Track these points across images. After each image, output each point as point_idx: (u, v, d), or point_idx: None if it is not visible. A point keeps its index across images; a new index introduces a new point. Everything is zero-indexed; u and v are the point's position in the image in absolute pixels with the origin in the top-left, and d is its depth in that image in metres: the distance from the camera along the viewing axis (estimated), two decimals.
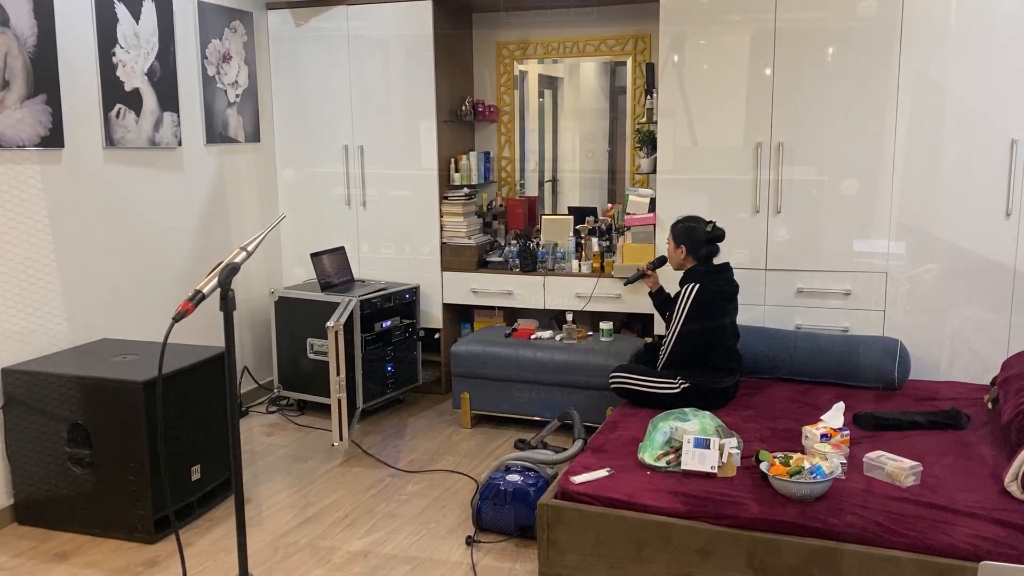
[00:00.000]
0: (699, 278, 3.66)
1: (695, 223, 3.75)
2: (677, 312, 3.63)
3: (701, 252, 3.72)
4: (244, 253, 2.05)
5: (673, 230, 3.79)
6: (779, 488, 2.77)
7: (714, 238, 3.72)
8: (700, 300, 3.60)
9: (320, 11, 4.94)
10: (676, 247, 3.76)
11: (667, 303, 3.97)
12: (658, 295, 4.05)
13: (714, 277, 3.69)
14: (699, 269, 3.72)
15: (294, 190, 5.19)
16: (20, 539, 3.35)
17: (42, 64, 3.53)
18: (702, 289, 3.61)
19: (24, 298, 3.52)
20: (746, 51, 4.15)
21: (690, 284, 3.64)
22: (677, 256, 3.77)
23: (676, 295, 3.71)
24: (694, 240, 3.72)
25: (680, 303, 3.63)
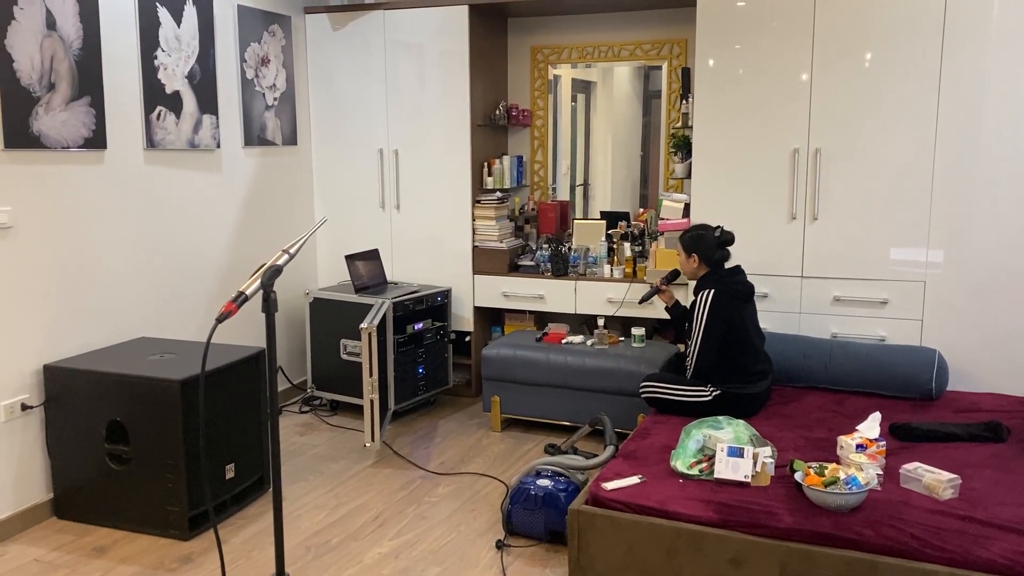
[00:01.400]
0: (713, 283, 3.64)
1: (703, 230, 3.74)
2: (696, 321, 3.61)
3: (713, 258, 3.70)
4: (286, 255, 2.08)
5: (682, 241, 3.78)
6: (813, 498, 2.74)
7: (724, 242, 3.71)
8: (717, 304, 3.58)
9: (357, 15, 4.98)
10: (687, 257, 3.75)
11: (685, 316, 3.95)
12: (675, 309, 4.05)
13: (728, 280, 3.67)
14: (711, 275, 3.70)
15: (329, 193, 5.23)
16: (59, 533, 3.42)
17: (87, 67, 3.60)
18: (717, 293, 3.59)
19: (65, 296, 3.59)
20: (783, 56, 4.12)
21: (704, 290, 3.62)
22: (689, 265, 3.76)
23: (692, 303, 3.68)
24: (705, 247, 3.70)
25: (698, 311, 3.61)
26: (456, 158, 4.91)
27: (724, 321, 3.58)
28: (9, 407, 3.36)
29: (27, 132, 3.36)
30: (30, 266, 3.42)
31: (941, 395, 3.82)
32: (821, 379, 3.96)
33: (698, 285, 3.71)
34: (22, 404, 3.41)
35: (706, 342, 3.59)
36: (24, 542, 3.33)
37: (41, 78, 3.40)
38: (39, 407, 3.48)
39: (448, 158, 4.93)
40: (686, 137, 4.62)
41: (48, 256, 3.50)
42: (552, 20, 5.13)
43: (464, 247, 4.98)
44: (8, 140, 3.29)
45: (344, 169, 5.18)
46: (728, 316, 3.59)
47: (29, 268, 3.42)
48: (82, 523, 3.48)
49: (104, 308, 3.78)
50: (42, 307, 3.48)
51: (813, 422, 3.54)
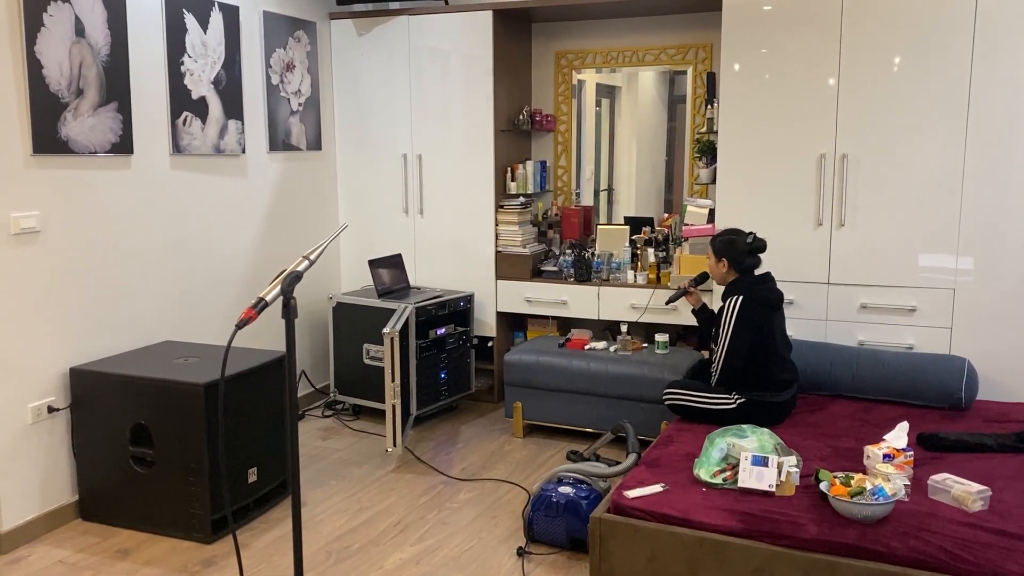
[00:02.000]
0: (741, 289, 3.60)
1: (735, 235, 3.70)
2: (723, 327, 3.57)
3: (744, 264, 3.66)
4: (307, 262, 2.08)
5: (713, 245, 3.75)
6: (839, 509, 2.70)
7: (755, 249, 3.67)
8: (745, 311, 3.54)
9: (382, 21, 5.00)
10: (718, 261, 3.71)
11: (711, 319, 3.91)
12: (701, 312, 4.01)
13: (757, 287, 3.63)
14: (741, 281, 3.66)
15: (353, 198, 5.25)
16: (84, 534, 3.45)
17: (114, 73, 3.64)
18: (746, 300, 3.55)
19: (92, 300, 3.62)
20: (810, 60, 4.07)
21: (733, 297, 3.58)
22: (719, 270, 3.72)
23: (720, 309, 3.65)
24: (736, 252, 3.67)
25: (725, 317, 3.57)
26: (479, 163, 4.91)
27: (751, 328, 3.54)
28: (36, 409, 3.40)
29: (55, 137, 3.40)
30: (57, 270, 3.46)
31: (971, 405, 3.75)
32: (847, 387, 3.91)
33: (727, 291, 3.67)
34: (48, 406, 3.45)
35: (732, 349, 3.56)
36: (50, 543, 3.36)
37: (70, 84, 3.44)
38: (65, 410, 3.51)
39: (471, 163, 4.93)
40: (711, 142, 4.58)
41: (75, 260, 3.54)
42: (576, 25, 5.12)
43: (487, 252, 4.97)
44: (37, 145, 3.33)
45: (368, 174, 5.20)
46: (756, 324, 3.55)
47: (56, 272, 3.46)
48: (107, 525, 3.51)
49: (129, 312, 3.81)
50: (69, 310, 3.52)
51: (839, 431, 3.50)
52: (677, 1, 4.50)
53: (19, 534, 3.34)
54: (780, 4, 4.10)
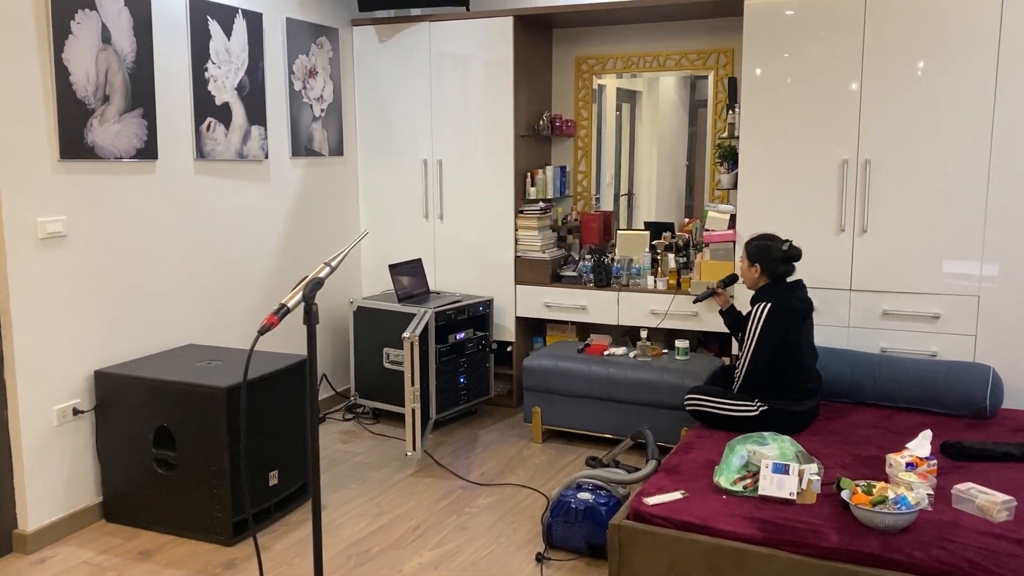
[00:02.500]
0: (771, 297, 3.57)
1: (771, 241, 3.66)
2: (750, 333, 3.54)
3: (776, 272, 3.63)
4: (328, 268, 2.10)
5: (748, 248, 3.71)
6: (861, 518, 2.67)
7: (790, 257, 3.62)
8: (772, 319, 3.51)
9: (403, 27, 5.03)
10: (750, 265, 3.68)
11: (738, 322, 3.89)
12: (729, 313, 3.98)
13: (787, 295, 3.59)
14: (771, 288, 3.63)
15: (374, 203, 5.28)
16: (107, 535, 3.48)
17: (139, 79, 3.69)
18: (774, 308, 3.52)
19: (116, 303, 3.67)
20: (832, 65, 4.05)
21: (761, 303, 3.55)
22: (751, 275, 3.69)
23: (747, 314, 3.62)
24: (770, 259, 3.63)
25: (752, 323, 3.54)
26: (499, 168, 4.92)
27: (778, 337, 3.51)
28: (61, 411, 3.44)
29: (82, 143, 3.44)
30: (83, 274, 3.51)
31: (995, 413, 3.71)
32: (870, 395, 3.88)
33: (756, 296, 3.64)
34: (73, 408, 3.49)
35: (757, 356, 3.53)
36: (74, 544, 3.40)
37: (96, 91, 3.49)
38: (90, 412, 3.55)
39: (491, 168, 4.94)
40: (732, 147, 4.57)
41: (100, 264, 3.58)
42: (597, 30, 5.12)
43: (506, 257, 4.98)
44: (64, 151, 3.37)
45: (389, 179, 5.22)
46: (783, 332, 3.52)
47: (82, 275, 3.50)
48: (130, 526, 3.55)
49: (153, 315, 3.85)
50: (94, 313, 3.56)
51: (861, 439, 3.47)
52: (698, 6, 4.49)
53: (44, 535, 3.38)
54: (802, 8, 4.08)
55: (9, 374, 3.27)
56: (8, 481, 3.31)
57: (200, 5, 3.99)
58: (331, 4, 4.97)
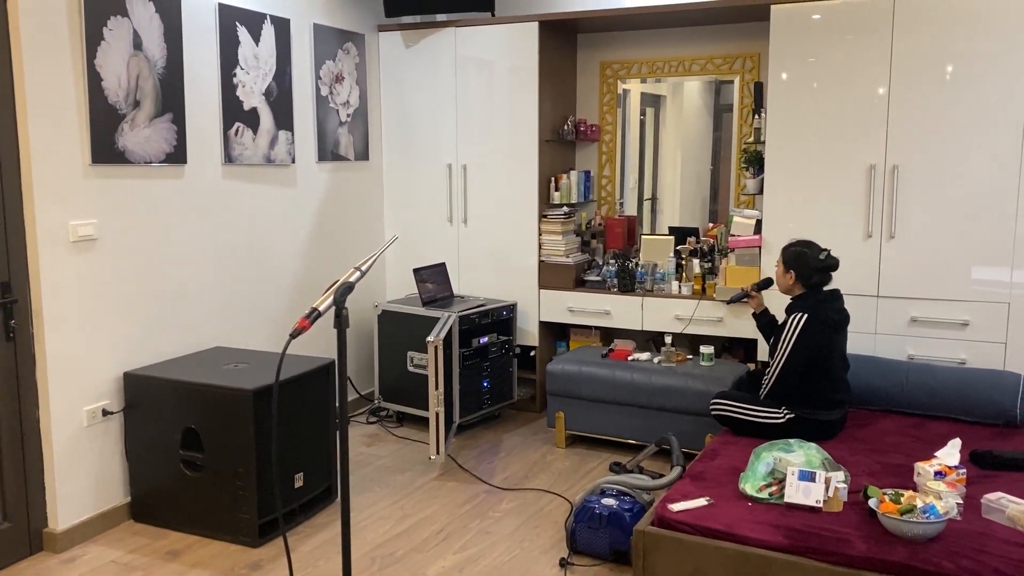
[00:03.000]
0: (807, 307, 3.52)
1: (807, 249, 3.60)
2: (783, 342, 3.51)
3: (811, 280, 3.58)
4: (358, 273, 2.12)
5: (784, 254, 3.66)
6: (889, 527, 2.65)
7: (826, 267, 3.56)
8: (807, 331, 3.46)
9: (429, 33, 5.06)
10: (785, 272, 3.64)
11: (771, 325, 3.87)
12: (762, 317, 3.94)
13: (823, 306, 3.54)
14: (807, 297, 3.59)
15: (399, 207, 5.31)
16: (135, 535, 3.52)
17: (169, 85, 3.73)
18: (810, 319, 3.47)
19: (145, 306, 3.71)
20: (859, 69, 4.03)
21: (797, 314, 3.50)
22: (785, 281, 3.65)
23: (783, 322, 3.59)
24: (805, 267, 3.58)
25: (787, 333, 3.50)
26: (523, 173, 4.93)
27: (812, 348, 3.47)
28: (91, 412, 3.49)
29: (112, 148, 3.49)
30: (113, 276, 3.56)
31: None
32: (897, 402, 3.84)
33: (792, 305, 3.59)
34: (103, 410, 3.53)
35: (788, 366, 3.50)
36: (103, 544, 3.45)
37: (127, 96, 3.54)
38: (119, 413, 3.60)
39: (515, 173, 4.95)
40: (758, 152, 4.55)
41: (129, 267, 3.63)
42: (622, 35, 5.12)
43: (530, 262, 4.99)
44: (95, 155, 3.42)
45: (413, 184, 5.25)
46: (816, 344, 3.48)
47: (112, 278, 3.55)
48: (157, 527, 3.59)
49: (181, 318, 3.90)
50: (123, 316, 3.61)
51: (888, 447, 3.44)
52: (724, 11, 4.48)
53: (73, 534, 3.43)
54: (828, 13, 4.06)
55: (41, 375, 3.32)
56: (39, 481, 3.36)
57: (229, 11, 4.04)
58: (358, 10, 5.00)
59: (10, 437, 3.26)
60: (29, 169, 3.21)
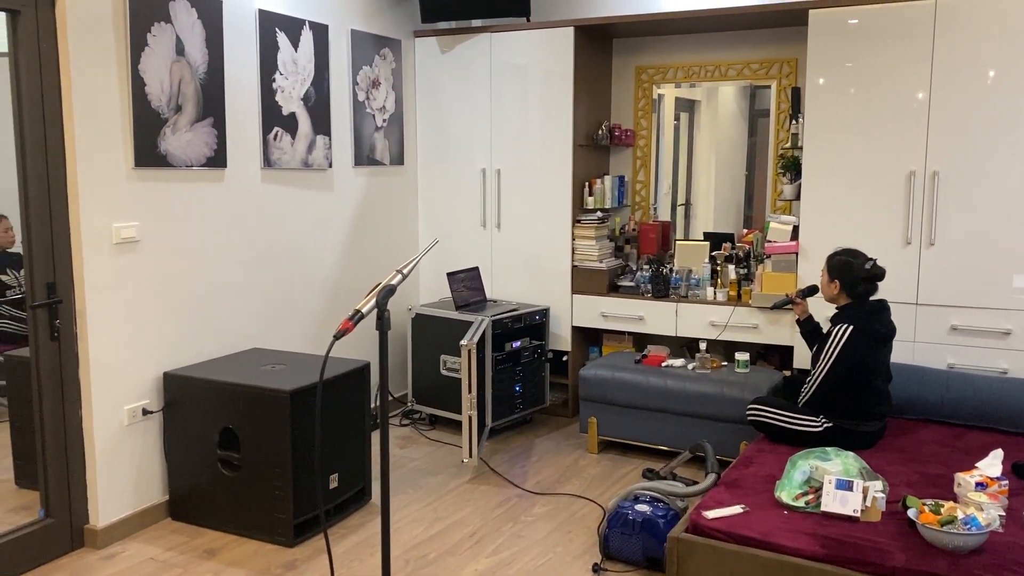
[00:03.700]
0: (853, 319, 3.46)
1: (853, 258, 3.54)
2: (826, 353, 3.45)
3: (857, 290, 3.52)
4: (400, 276, 2.14)
5: (829, 262, 3.60)
6: (928, 538, 2.61)
7: (872, 277, 3.50)
8: (851, 343, 3.41)
9: (465, 39, 5.09)
10: (830, 280, 3.58)
11: (815, 333, 3.82)
12: (806, 323, 3.88)
13: (869, 318, 3.48)
14: (853, 308, 3.52)
15: (433, 211, 5.34)
16: (173, 533, 3.58)
17: (211, 90, 3.79)
18: (855, 331, 3.41)
19: (185, 307, 3.77)
20: (898, 74, 3.98)
21: (842, 325, 3.44)
22: (830, 290, 3.59)
23: (827, 332, 3.54)
24: (850, 277, 3.52)
25: (831, 344, 3.45)
26: (557, 178, 4.94)
27: (855, 360, 3.42)
28: (132, 411, 3.55)
29: (155, 151, 3.56)
30: (154, 278, 3.62)
31: None
32: (937, 412, 3.79)
33: (837, 315, 3.54)
34: (143, 409, 3.59)
35: (829, 376, 3.45)
36: (142, 541, 3.50)
37: (169, 101, 3.60)
38: (158, 412, 3.66)
39: (549, 178, 4.96)
40: (795, 158, 4.51)
41: (170, 269, 3.69)
42: (658, 40, 5.11)
43: (563, 266, 4.99)
44: (138, 159, 3.49)
45: (448, 188, 5.28)
46: (860, 356, 3.43)
47: (153, 280, 3.61)
48: (194, 525, 3.64)
49: (220, 319, 3.95)
50: (164, 317, 3.67)
51: (928, 457, 3.39)
52: (761, 16, 4.46)
53: (113, 531, 3.49)
54: (868, 17, 4.02)
55: (84, 374, 3.38)
56: (81, 478, 3.43)
57: (269, 17, 4.10)
58: (394, 16, 5.05)
59: (54, 435, 3.33)
60: (75, 172, 3.28)
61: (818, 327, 3.83)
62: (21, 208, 3.21)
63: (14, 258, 3.44)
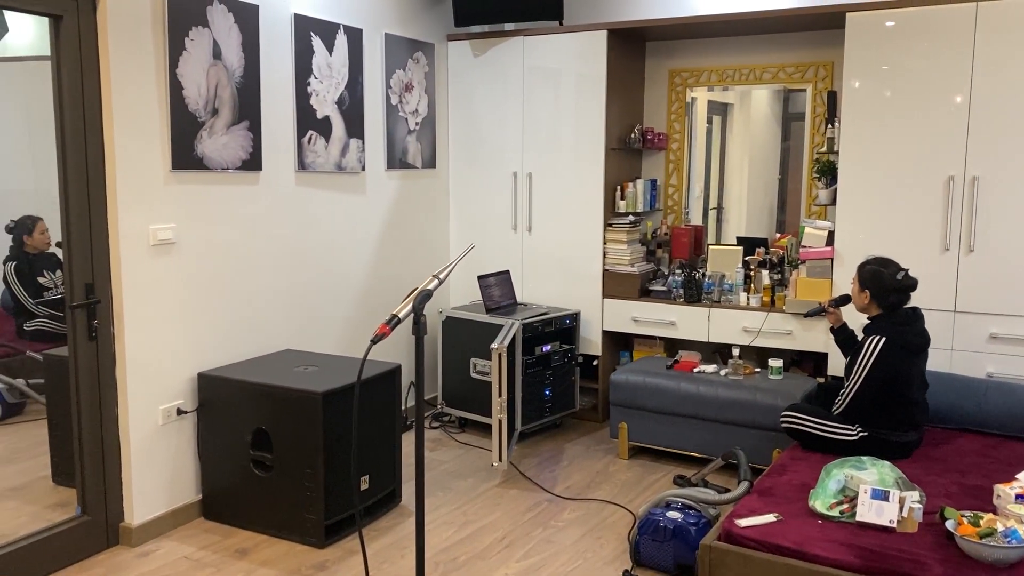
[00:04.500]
0: (885, 330, 3.40)
1: (884, 268, 3.48)
2: (859, 365, 3.39)
3: (888, 301, 3.47)
4: (436, 280, 2.14)
5: (860, 272, 3.55)
6: (967, 550, 2.56)
7: (904, 287, 3.44)
8: (885, 354, 3.35)
9: (497, 42, 5.09)
10: (861, 290, 3.52)
11: (849, 341, 3.76)
12: (840, 331, 3.82)
13: (902, 329, 3.42)
14: (886, 319, 3.47)
15: (465, 215, 5.35)
16: (205, 532, 3.61)
17: (246, 93, 3.83)
18: (888, 343, 3.35)
19: (219, 308, 3.81)
20: (938, 78, 3.92)
21: (875, 337, 3.39)
22: (861, 300, 3.53)
23: (860, 343, 3.48)
24: (881, 287, 3.46)
25: (864, 356, 3.39)
26: (589, 181, 4.92)
27: (889, 372, 3.37)
28: (167, 411, 3.59)
29: (192, 154, 3.60)
30: (190, 279, 3.66)
31: None
32: (975, 421, 3.72)
33: (870, 327, 3.48)
34: (177, 409, 3.63)
35: (864, 388, 3.39)
36: (175, 539, 3.54)
37: (206, 104, 3.64)
38: (192, 413, 3.70)
39: (581, 181, 4.95)
40: (831, 162, 4.46)
41: (205, 270, 3.73)
42: (691, 43, 5.08)
43: (594, 270, 4.97)
44: (175, 161, 3.53)
45: (479, 192, 5.28)
46: (895, 368, 3.38)
47: (189, 281, 3.65)
48: (227, 525, 3.67)
49: (253, 320, 3.99)
50: (198, 318, 3.71)
51: (966, 467, 3.33)
52: (797, 19, 4.41)
53: (148, 529, 3.53)
54: (906, 20, 3.96)
55: (120, 374, 3.43)
56: (116, 476, 3.47)
57: (304, 21, 4.13)
58: (428, 20, 5.07)
59: (91, 433, 3.38)
60: (114, 175, 3.33)
61: (852, 335, 3.77)
62: (61, 210, 3.26)
63: (52, 259, 3.49)
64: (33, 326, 3.54)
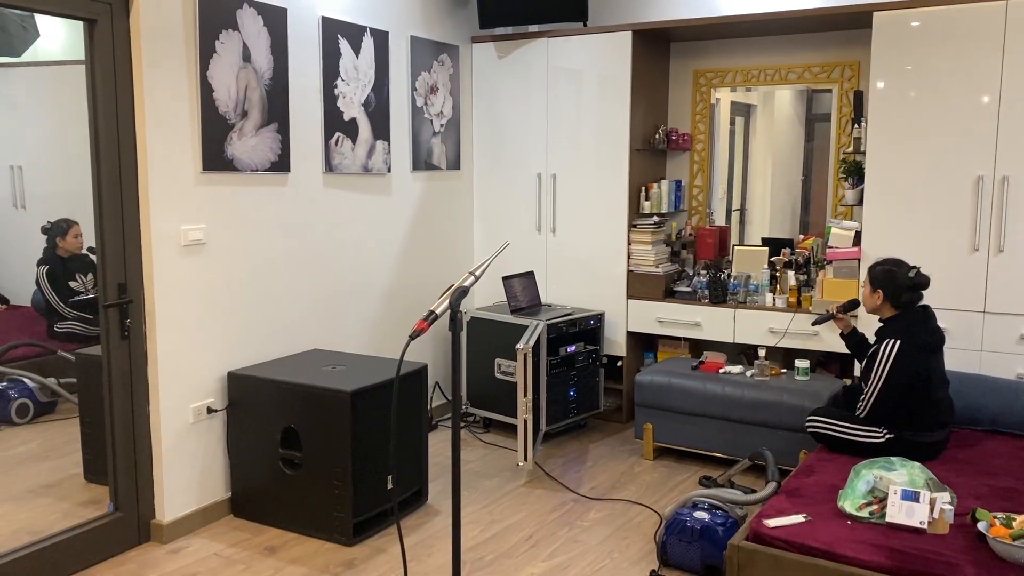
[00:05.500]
0: (899, 332, 3.38)
1: (896, 267, 3.47)
2: (876, 370, 3.37)
3: (901, 300, 3.45)
4: (472, 278, 2.16)
5: (871, 273, 3.53)
6: (1000, 552, 2.55)
7: (917, 285, 3.43)
8: (902, 357, 3.32)
9: (522, 44, 5.11)
10: (873, 291, 3.50)
11: (862, 345, 3.75)
12: (851, 337, 3.81)
13: (915, 329, 3.40)
14: (898, 321, 3.44)
15: (489, 216, 5.37)
16: (235, 530, 3.65)
17: (275, 96, 3.87)
18: (904, 345, 3.33)
19: (249, 308, 3.85)
20: (967, 77, 3.89)
21: (889, 340, 3.36)
22: (872, 301, 3.51)
23: (874, 348, 3.46)
24: (894, 286, 3.44)
25: (880, 361, 3.36)
26: (613, 182, 4.93)
27: (907, 374, 3.34)
28: (197, 410, 3.63)
29: (222, 156, 3.64)
30: (220, 279, 3.70)
31: None
32: (1006, 423, 3.69)
33: (883, 330, 3.47)
34: (208, 407, 3.68)
35: (884, 393, 3.37)
36: (206, 536, 3.58)
37: (236, 106, 3.69)
38: (222, 411, 3.74)
39: (605, 182, 4.95)
40: (858, 163, 4.43)
41: (235, 270, 3.77)
42: (716, 44, 5.07)
43: (619, 271, 4.97)
44: (206, 163, 3.58)
45: (503, 193, 5.30)
46: (913, 369, 3.35)
47: (219, 281, 3.70)
48: (256, 522, 3.71)
49: (282, 320, 4.02)
50: (228, 317, 3.75)
51: (997, 469, 3.30)
52: (823, 19, 4.39)
53: (179, 526, 3.57)
54: (934, 19, 3.94)
55: (152, 373, 3.48)
56: (148, 474, 3.52)
57: (332, 24, 4.17)
58: (453, 22, 5.09)
59: (123, 431, 3.43)
60: (146, 176, 3.37)
61: (864, 339, 3.75)
62: (95, 211, 3.31)
63: (85, 261, 3.55)
64: (64, 328, 3.60)
